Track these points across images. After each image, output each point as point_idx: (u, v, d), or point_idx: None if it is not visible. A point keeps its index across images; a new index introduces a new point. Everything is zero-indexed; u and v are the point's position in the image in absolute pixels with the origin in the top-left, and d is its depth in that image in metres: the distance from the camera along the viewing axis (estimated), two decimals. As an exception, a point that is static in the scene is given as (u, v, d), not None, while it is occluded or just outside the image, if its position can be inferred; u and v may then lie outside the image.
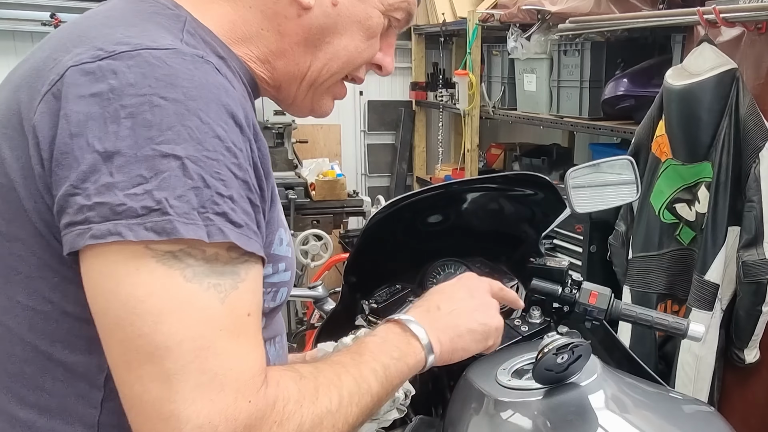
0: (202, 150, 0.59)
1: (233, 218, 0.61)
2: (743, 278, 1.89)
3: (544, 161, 3.33)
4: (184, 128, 0.59)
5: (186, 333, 0.57)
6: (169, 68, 0.61)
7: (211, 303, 0.59)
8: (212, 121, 0.61)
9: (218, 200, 0.60)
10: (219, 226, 0.59)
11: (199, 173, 0.59)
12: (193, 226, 0.58)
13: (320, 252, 3.18)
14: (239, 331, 0.61)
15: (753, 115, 1.86)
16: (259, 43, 0.76)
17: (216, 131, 0.61)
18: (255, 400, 0.60)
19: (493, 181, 1.24)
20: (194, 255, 0.59)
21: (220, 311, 0.60)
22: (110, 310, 0.58)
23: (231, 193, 0.61)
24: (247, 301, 0.63)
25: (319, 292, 1.65)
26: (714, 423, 0.98)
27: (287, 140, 3.50)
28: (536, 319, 1.22)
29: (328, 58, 0.79)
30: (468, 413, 0.97)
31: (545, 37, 2.87)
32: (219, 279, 0.60)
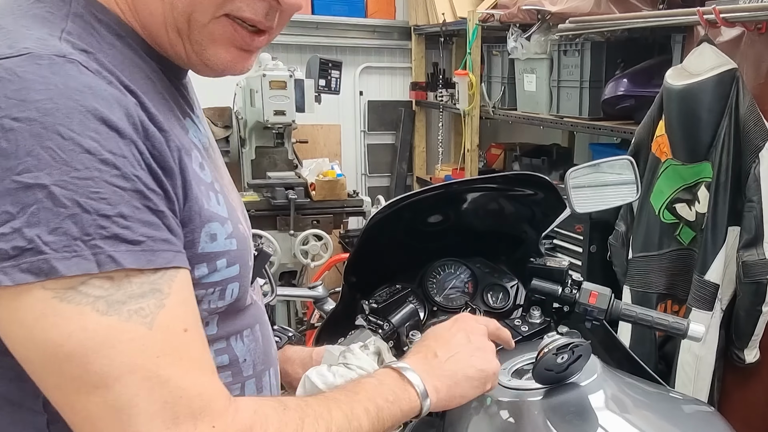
0: (70, 171, 0.53)
1: (128, 237, 0.55)
2: (743, 278, 1.89)
3: (544, 161, 3.33)
4: (45, 150, 0.53)
5: (121, 369, 0.54)
6: (19, 81, 0.54)
7: (138, 331, 0.55)
8: (77, 134, 0.54)
9: (103, 222, 0.54)
10: (109, 253, 0.54)
11: (72, 198, 0.53)
12: (77, 258, 0.53)
13: (320, 252, 3.18)
14: (180, 353, 0.58)
15: (753, 115, 1.86)
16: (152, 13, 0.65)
17: (84, 145, 0.54)
18: (220, 425, 0.58)
19: (493, 181, 1.24)
20: (100, 285, 0.54)
21: (149, 337, 0.56)
22: (33, 358, 0.55)
23: (119, 210, 0.55)
24: (180, 316, 0.59)
25: (319, 292, 1.65)
26: (714, 423, 0.98)
27: (287, 140, 3.50)
28: (536, 319, 1.22)
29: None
30: (468, 413, 0.97)
31: (545, 37, 2.87)
32: (140, 303, 0.56)
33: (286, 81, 3.21)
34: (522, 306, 1.27)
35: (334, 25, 4.12)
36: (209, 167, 0.70)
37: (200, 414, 0.57)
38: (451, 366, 0.83)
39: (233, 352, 0.75)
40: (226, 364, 0.74)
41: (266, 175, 3.36)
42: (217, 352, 0.73)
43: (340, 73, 3.51)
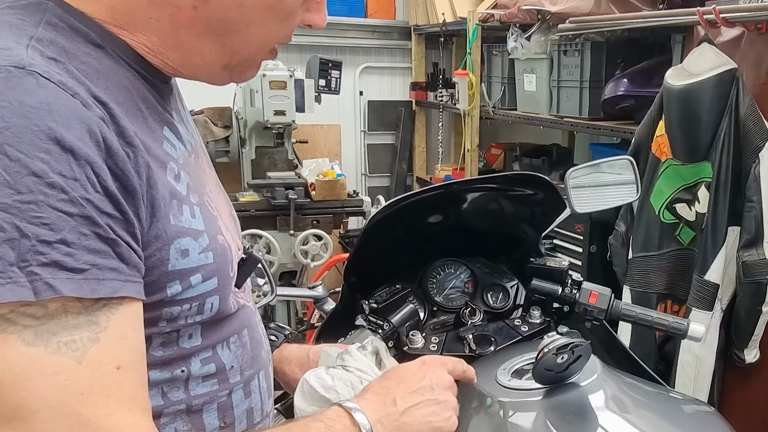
0: (12, 194, 0.51)
1: (69, 264, 0.53)
2: (743, 278, 1.89)
3: (544, 161, 3.33)
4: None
5: (39, 403, 0.51)
6: None
7: (64, 365, 0.52)
8: (25, 155, 0.51)
9: (43, 249, 0.51)
10: (47, 280, 0.51)
11: (11, 222, 0.50)
12: (12, 285, 0.50)
13: (320, 252, 3.18)
14: (109, 391, 0.55)
15: (753, 115, 1.86)
16: (147, 32, 0.65)
17: (31, 167, 0.52)
18: None
19: (493, 181, 1.24)
20: (32, 314, 0.52)
21: (76, 371, 0.53)
22: None
23: (62, 236, 0.52)
24: (115, 352, 0.56)
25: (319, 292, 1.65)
26: (714, 423, 0.98)
27: (287, 140, 3.50)
28: (536, 319, 1.22)
29: (236, 47, 0.68)
30: (468, 413, 0.97)
31: (545, 37, 2.87)
32: (72, 335, 0.53)
33: (286, 81, 3.21)
34: (522, 306, 1.27)
35: (334, 25, 4.12)
36: (188, 177, 0.69)
37: None
38: (407, 419, 0.77)
39: (220, 360, 0.74)
40: (213, 373, 0.73)
41: (266, 175, 3.36)
42: (203, 361, 0.72)
43: (340, 73, 3.51)
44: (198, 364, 0.71)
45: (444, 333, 1.20)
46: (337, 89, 3.54)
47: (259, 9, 0.66)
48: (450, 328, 1.22)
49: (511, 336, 1.20)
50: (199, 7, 0.64)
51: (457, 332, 1.19)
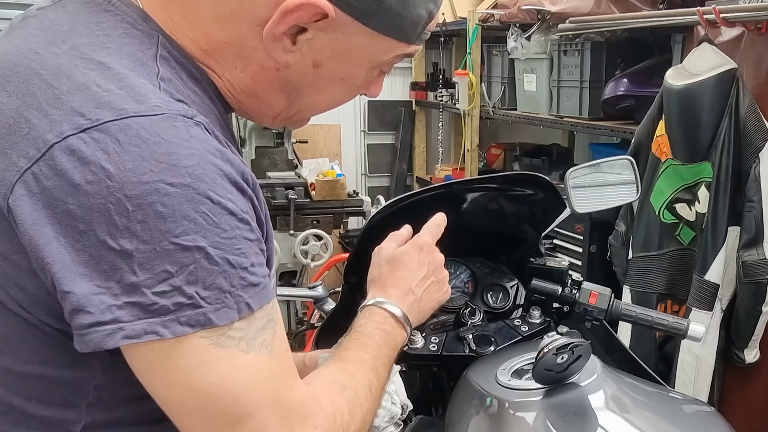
0: (221, 233, 0.59)
1: (254, 281, 0.62)
2: (743, 278, 1.89)
3: (544, 161, 3.33)
4: (200, 215, 0.58)
5: (260, 396, 0.62)
6: (166, 145, 0.57)
7: (264, 361, 0.63)
8: (222, 197, 0.59)
9: (243, 274, 0.61)
10: (246, 300, 0.61)
11: (223, 257, 0.59)
12: (225, 309, 0.59)
13: (320, 252, 3.18)
14: (288, 370, 0.66)
15: (753, 115, 1.86)
16: (231, 77, 0.71)
17: (228, 207, 0.60)
18: (320, 423, 0.67)
19: (493, 181, 1.24)
20: (239, 327, 0.61)
21: (272, 363, 0.64)
22: (189, 399, 0.60)
23: (251, 260, 0.62)
24: (284, 338, 0.67)
25: (319, 292, 1.65)
26: (714, 423, 0.98)
27: (287, 140, 3.50)
28: (536, 319, 1.22)
29: (302, 107, 0.77)
30: (468, 413, 0.98)
31: (545, 37, 2.87)
32: (263, 335, 0.63)
33: (286, 81, 3.21)
34: (522, 306, 1.27)
35: (334, 25, 4.11)
36: None
37: (306, 418, 0.66)
38: (423, 302, 0.96)
39: None
40: None
41: (266, 175, 3.37)
42: None
43: (340, 73, 3.50)
44: None
45: (444, 333, 1.20)
46: (337, 89, 3.54)
47: (334, 80, 0.74)
48: (450, 328, 1.22)
49: (511, 336, 1.20)
50: (281, 70, 0.71)
51: (457, 332, 1.19)
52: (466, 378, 1.05)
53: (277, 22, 0.65)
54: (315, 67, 0.71)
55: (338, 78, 0.74)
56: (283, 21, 0.65)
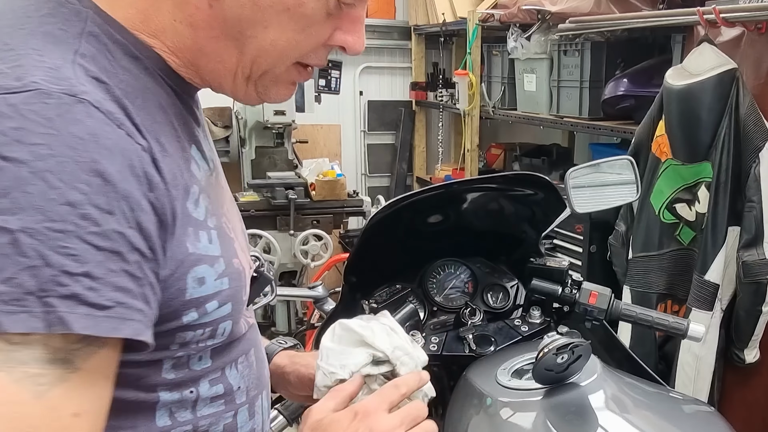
0: (43, 221, 0.49)
1: (90, 299, 0.50)
2: (743, 278, 1.89)
3: (544, 161, 3.33)
4: (23, 195, 0.49)
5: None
6: (21, 120, 0.51)
7: (22, 397, 0.49)
8: (65, 184, 0.50)
9: (65, 280, 0.49)
10: (61, 314, 0.49)
11: (36, 249, 0.49)
12: (25, 315, 0.48)
13: (320, 252, 3.18)
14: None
15: (753, 115, 1.86)
16: (174, 37, 0.64)
17: (68, 197, 0.50)
18: None
19: (493, 181, 1.24)
20: (6, 339, 0.49)
21: (32, 408, 0.50)
22: None
23: (86, 270, 0.50)
24: (76, 398, 0.52)
25: (319, 292, 1.65)
26: (714, 423, 0.98)
27: (287, 140, 3.50)
28: (536, 319, 1.22)
29: (254, 54, 0.66)
30: (468, 413, 0.98)
31: (545, 37, 2.87)
32: (42, 368, 0.50)
33: (286, 81, 3.21)
34: (522, 306, 1.28)
35: (334, 25, 4.12)
36: (208, 199, 0.68)
37: None
38: None
39: (227, 381, 0.74)
40: (220, 394, 0.73)
41: (266, 175, 3.37)
42: (212, 382, 0.72)
43: (339, 72, 3.51)
44: (207, 386, 0.71)
45: (444, 333, 1.20)
46: (337, 89, 3.55)
47: (276, 11, 0.64)
48: (450, 328, 1.22)
49: (511, 336, 1.20)
50: (214, 5, 0.63)
51: (457, 332, 1.19)
52: (466, 378, 1.05)
53: None
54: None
55: (282, 7, 0.64)
56: None
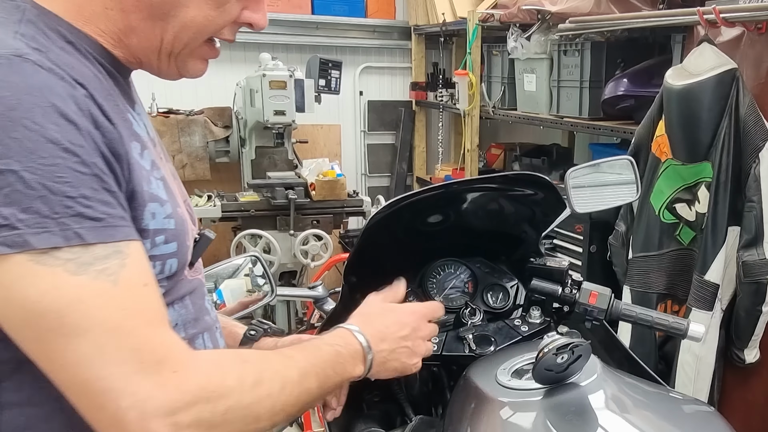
0: (37, 159, 0.60)
1: (91, 215, 0.63)
2: (743, 278, 1.89)
3: (544, 161, 3.33)
4: (13, 141, 0.60)
5: (92, 321, 0.62)
6: None
7: (101, 287, 0.63)
8: (40, 126, 0.61)
9: (69, 203, 0.61)
10: (75, 229, 0.61)
11: (40, 182, 0.60)
12: (47, 234, 0.60)
13: (320, 252, 3.18)
14: (141, 306, 0.66)
15: (753, 115, 1.86)
16: (106, 22, 0.74)
17: (47, 136, 0.61)
18: (181, 371, 0.65)
19: (493, 181, 1.24)
20: (71, 252, 0.62)
21: (116, 292, 0.63)
22: (12, 316, 0.62)
23: (81, 192, 0.62)
24: (139, 273, 0.67)
25: (319, 292, 1.65)
26: (714, 423, 0.98)
27: (287, 140, 3.50)
28: (536, 319, 1.22)
29: (177, 30, 0.77)
30: (468, 413, 0.98)
31: (545, 37, 2.87)
32: (104, 263, 0.63)
33: (286, 81, 3.21)
34: (522, 306, 1.28)
35: (334, 25, 4.12)
36: (149, 156, 0.77)
37: (163, 360, 0.65)
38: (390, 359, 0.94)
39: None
40: None
41: (266, 175, 3.37)
42: None
43: (340, 73, 3.51)
44: None
45: (444, 333, 1.20)
46: (337, 89, 3.55)
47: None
48: (450, 328, 1.22)
49: (511, 336, 1.20)
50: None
51: (457, 332, 1.19)
52: (466, 378, 1.05)
53: None
54: None
55: None
56: None
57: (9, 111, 0.60)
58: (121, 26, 0.75)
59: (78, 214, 0.62)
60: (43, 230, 0.60)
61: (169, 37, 0.77)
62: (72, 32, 0.72)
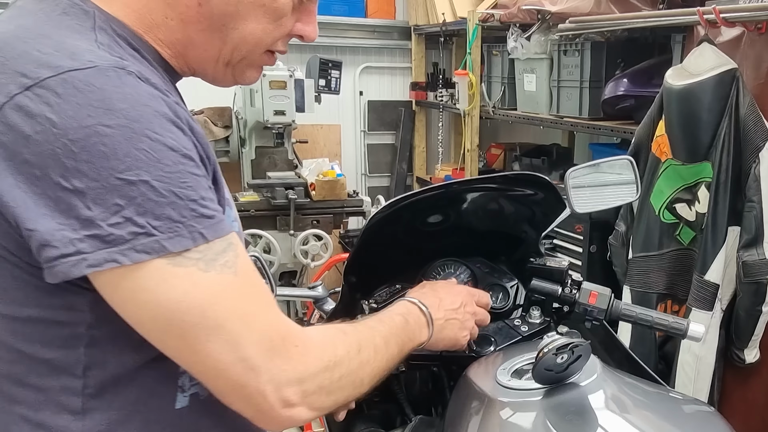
0: (164, 167, 0.65)
1: (207, 213, 0.68)
2: (743, 278, 1.89)
3: (544, 161, 3.33)
4: (140, 152, 0.64)
5: (227, 311, 0.68)
6: (100, 92, 0.64)
7: (227, 279, 0.68)
8: (160, 135, 0.65)
9: (193, 206, 0.66)
10: (199, 230, 0.67)
11: (168, 190, 0.65)
12: (179, 237, 0.65)
13: (320, 252, 3.18)
14: (257, 290, 0.72)
15: (753, 115, 1.86)
16: (166, 31, 0.77)
17: (167, 143, 0.65)
18: (302, 345, 0.73)
19: (493, 181, 1.24)
20: (198, 251, 0.67)
21: (238, 281, 0.69)
22: (159, 316, 0.67)
23: (200, 194, 0.67)
24: (248, 261, 0.73)
25: (319, 292, 1.64)
26: (714, 423, 0.98)
27: (287, 140, 3.50)
28: (536, 319, 1.22)
29: (235, 42, 0.79)
30: (468, 413, 0.98)
31: (545, 37, 2.87)
32: (224, 257, 0.69)
33: (286, 81, 3.21)
34: (522, 306, 1.27)
35: (334, 25, 4.12)
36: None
37: (287, 337, 0.72)
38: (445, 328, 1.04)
39: None
40: None
41: (266, 175, 3.36)
42: None
43: (340, 73, 3.51)
44: None
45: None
46: (337, 89, 3.54)
47: (254, 6, 0.78)
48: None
49: (511, 336, 1.20)
50: (203, 4, 0.76)
51: (457, 332, 1.19)
52: (466, 378, 1.05)
53: None
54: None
55: (258, 4, 0.78)
56: None
57: (132, 123, 0.64)
58: (179, 36, 0.77)
59: (200, 215, 0.67)
60: (175, 234, 0.65)
61: (228, 49, 0.80)
62: (135, 39, 0.74)
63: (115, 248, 0.63)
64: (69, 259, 0.63)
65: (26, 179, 0.63)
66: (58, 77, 0.63)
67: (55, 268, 0.63)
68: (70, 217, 0.63)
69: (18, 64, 0.65)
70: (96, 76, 0.64)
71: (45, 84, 0.63)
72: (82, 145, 0.62)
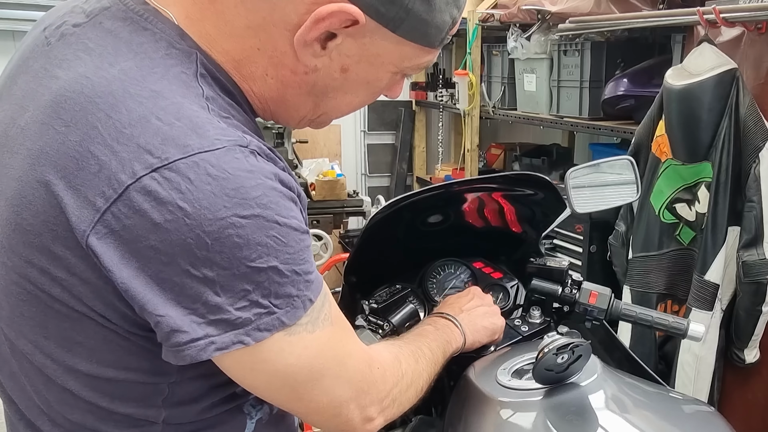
0: (290, 251, 0.66)
1: (312, 279, 0.69)
2: (743, 278, 1.89)
3: (544, 161, 3.33)
4: (270, 239, 0.64)
5: (328, 362, 0.73)
6: (233, 180, 0.62)
7: (328, 332, 0.72)
8: (286, 218, 0.66)
9: (308, 278, 0.68)
10: (309, 297, 0.69)
11: (291, 270, 0.66)
12: (294, 310, 0.67)
13: (320, 252, 3.18)
14: (347, 330, 0.78)
15: (753, 115, 1.86)
16: (262, 86, 0.74)
17: (291, 225, 0.66)
18: (381, 366, 0.81)
19: (493, 181, 1.24)
20: (307, 316, 0.70)
21: (335, 330, 0.74)
22: (274, 380, 0.71)
23: (310, 266, 0.69)
24: (334, 304, 0.76)
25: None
26: (714, 423, 0.98)
27: (287, 140, 3.50)
28: (536, 319, 1.22)
29: (329, 108, 0.80)
30: (468, 413, 0.98)
31: (545, 37, 2.87)
32: (323, 312, 0.72)
33: (286, 81, 3.21)
34: (522, 306, 1.27)
35: (334, 25, 4.11)
36: None
37: (372, 363, 0.79)
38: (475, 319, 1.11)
39: None
40: None
41: (266, 175, 3.36)
42: None
43: (340, 73, 3.50)
44: None
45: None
46: (337, 89, 3.53)
47: (359, 83, 0.77)
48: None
49: (511, 336, 1.20)
50: (310, 74, 0.74)
51: (457, 332, 1.19)
52: (466, 378, 1.05)
53: (310, 29, 0.68)
54: (343, 71, 0.74)
55: (364, 81, 0.77)
56: (315, 27, 0.68)
57: (264, 211, 0.63)
58: (274, 95, 0.76)
59: (310, 282, 0.69)
60: (292, 308, 0.67)
61: (318, 111, 0.80)
62: (230, 82, 0.72)
63: (241, 330, 0.65)
64: (198, 343, 0.64)
65: (151, 265, 0.62)
66: (189, 160, 0.61)
67: (182, 353, 0.64)
68: (197, 302, 0.63)
69: (138, 134, 0.61)
70: (226, 159, 0.62)
71: (175, 167, 0.60)
72: (216, 236, 0.61)
